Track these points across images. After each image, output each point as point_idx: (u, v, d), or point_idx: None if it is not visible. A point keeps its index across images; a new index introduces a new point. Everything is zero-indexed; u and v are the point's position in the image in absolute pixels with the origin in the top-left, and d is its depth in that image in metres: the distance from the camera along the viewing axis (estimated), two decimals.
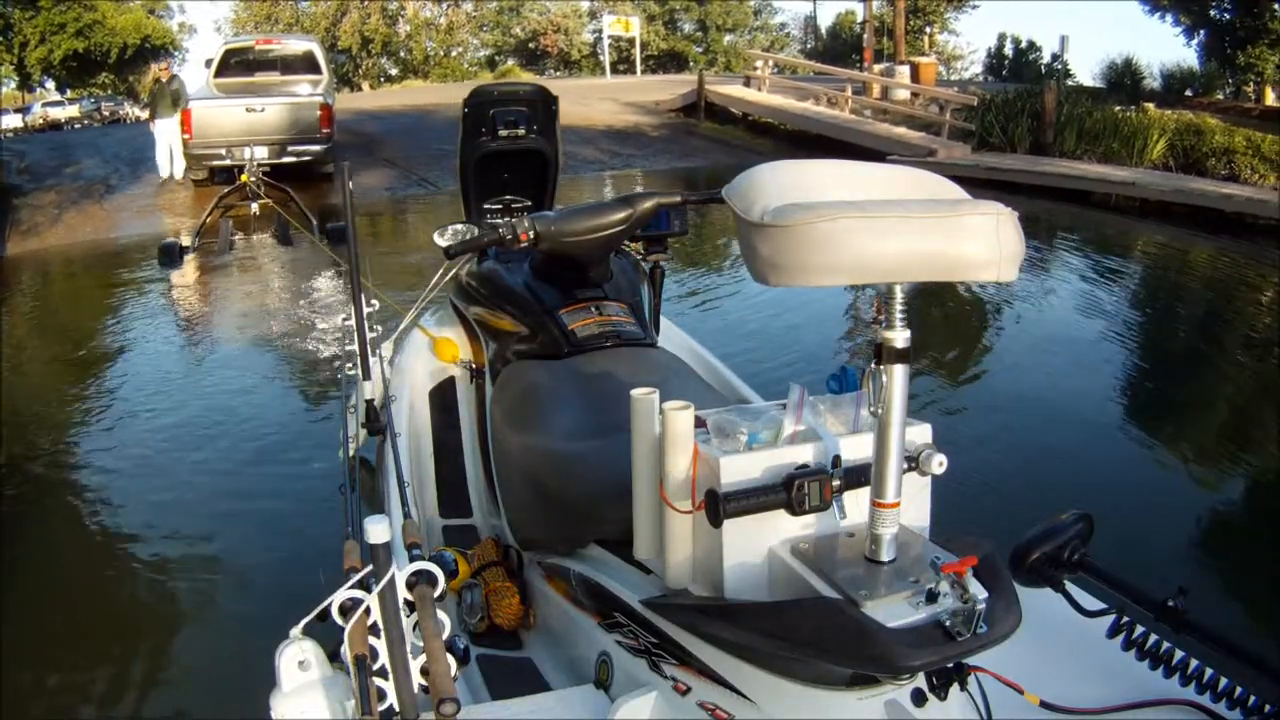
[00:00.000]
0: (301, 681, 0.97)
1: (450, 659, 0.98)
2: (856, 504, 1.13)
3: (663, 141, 14.28)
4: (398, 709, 0.94)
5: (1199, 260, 8.85)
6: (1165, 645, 1.16)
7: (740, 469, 1.11)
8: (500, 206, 2.43)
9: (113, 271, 7.99)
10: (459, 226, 1.96)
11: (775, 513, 1.10)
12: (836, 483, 1.12)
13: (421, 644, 0.98)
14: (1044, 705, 1.09)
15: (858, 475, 1.13)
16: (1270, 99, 16.81)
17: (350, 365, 2.37)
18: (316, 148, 10.25)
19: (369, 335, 2.28)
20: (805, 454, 1.14)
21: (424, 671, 0.97)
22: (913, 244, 0.94)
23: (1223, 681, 1.12)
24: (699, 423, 1.17)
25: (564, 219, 1.93)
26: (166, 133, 10.55)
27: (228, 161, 9.60)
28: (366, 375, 2.25)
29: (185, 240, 7.97)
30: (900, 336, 0.99)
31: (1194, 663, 1.14)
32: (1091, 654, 1.20)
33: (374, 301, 2.42)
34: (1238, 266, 8.42)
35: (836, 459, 1.14)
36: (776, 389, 1.36)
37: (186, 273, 7.62)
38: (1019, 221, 0.98)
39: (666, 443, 1.15)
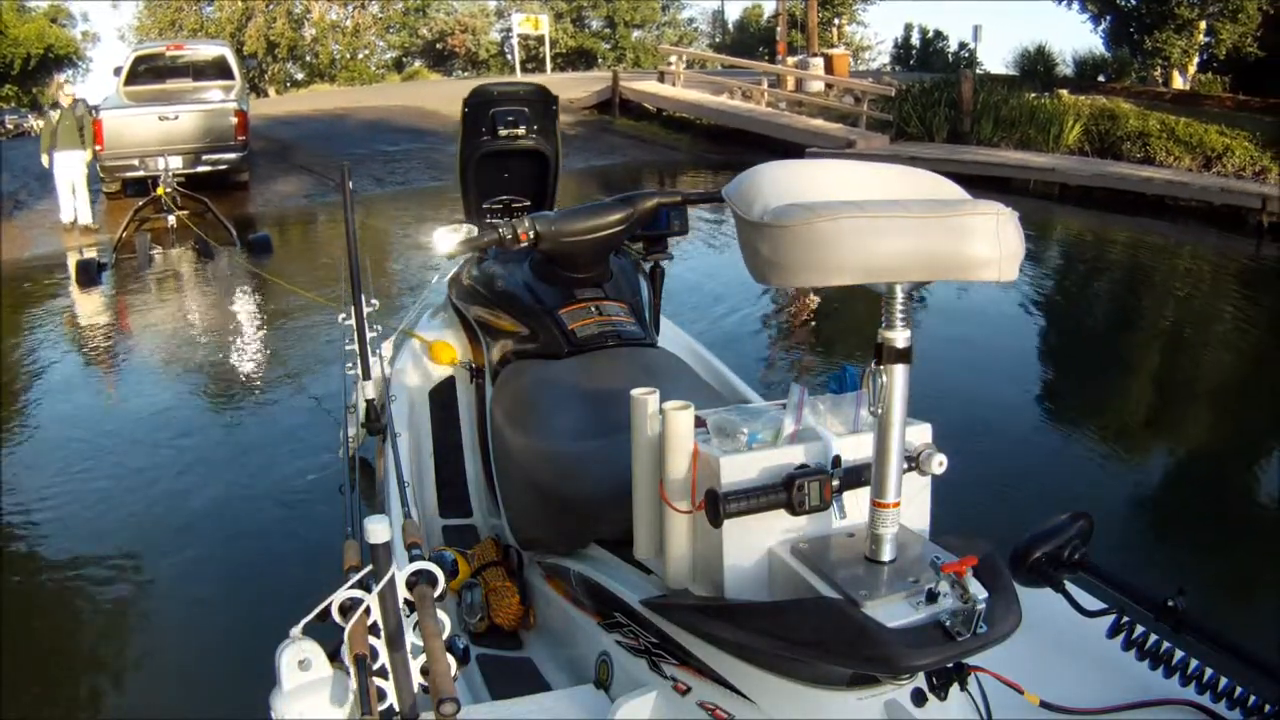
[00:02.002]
0: (301, 681, 0.97)
1: (450, 659, 0.98)
2: (856, 504, 1.13)
3: (580, 140, 14.02)
4: (398, 709, 0.94)
5: (1121, 239, 9.13)
6: (1165, 645, 1.16)
7: (740, 469, 1.11)
8: (500, 206, 2.42)
9: (21, 293, 7.28)
10: (459, 226, 1.96)
11: (775, 513, 1.10)
12: (836, 483, 1.12)
13: (421, 644, 0.98)
14: (1044, 705, 1.09)
15: (857, 475, 1.13)
16: (1177, 82, 17.01)
17: (350, 365, 2.37)
18: (232, 155, 9.95)
19: (369, 335, 2.28)
20: (805, 454, 1.14)
21: (424, 671, 0.97)
22: (913, 244, 0.94)
23: (1223, 681, 1.12)
24: (699, 423, 1.17)
25: (564, 219, 1.93)
26: (69, 169, 9.04)
27: (141, 173, 9.07)
28: (366, 375, 2.25)
29: (102, 257, 7.58)
30: (901, 336, 0.99)
31: (1194, 663, 1.14)
32: (1091, 654, 1.20)
33: (374, 301, 2.41)
34: (1162, 247, 8.84)
35: (836, 459, 1.14)
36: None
37: (106, 291, 7.18)
38: (1019, 221, 0.98)
39: (666, 443, 1.15)
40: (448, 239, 1.86)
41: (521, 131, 2.29)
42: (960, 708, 1.02)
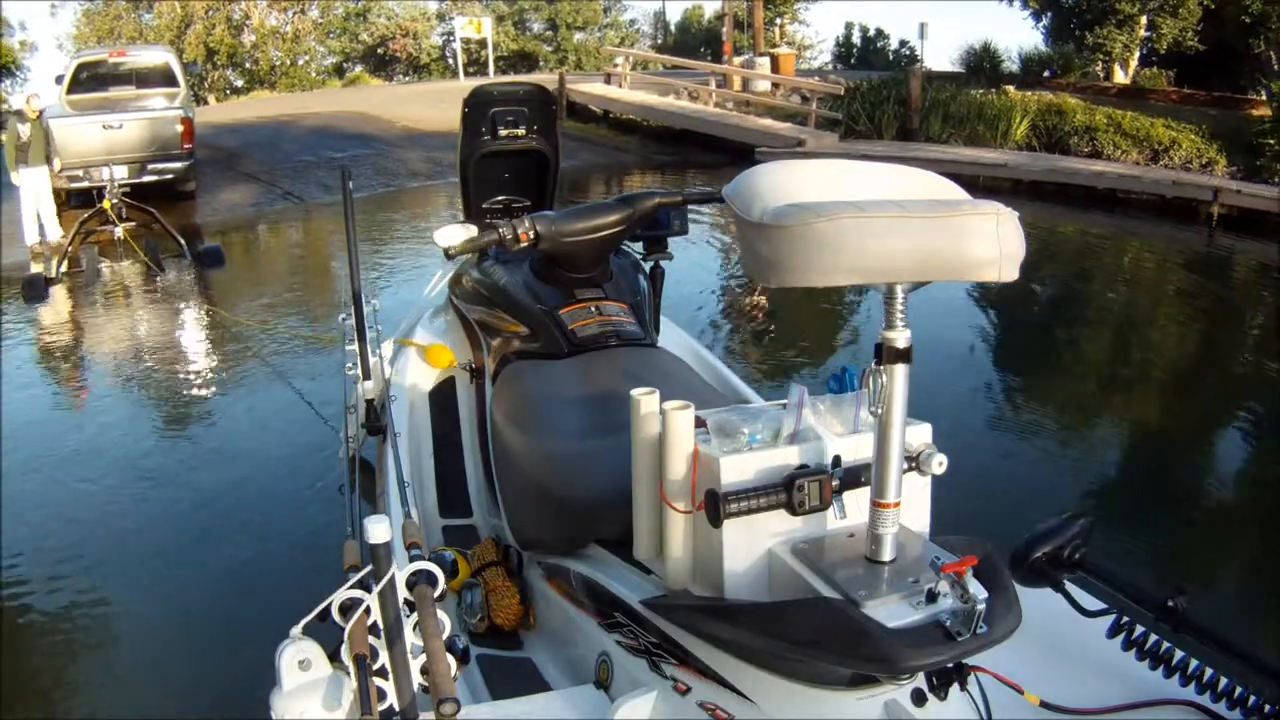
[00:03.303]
0: (302, 681, 0.97)
1: (450, 659, 0.98)
2: (856, 504, 1.13)
3: None
4: (398, 709, 0.94)
5: (1078, 232, 9.28)
6: (1165, 645, 1.16)
7: (740, 469, 1.11)
8: (500, 206, 2.42)
9: None
10: (459, 226, 1.96)
11: (775, 513, 1.10)
12: (836, 483, 1.12)
13: (421, 644, 0.98)
14: (1044, 705, 1.09)
15: (857, 475, 1.13)
16: (1119, 77, 17.16)
17: (350, 365, 2.37)
18: (178, 165, 9.62)
19: (369, 335, 2.28)
20: (805, 454, 1.14)
21: (424, 671, 0.97)
22: (913, 244, 0.94)
23: (1223, 681, 1.12)
24: (699, 423, 1.17)
25: (564, 219, 1.93)
26: (36, 187, 8.37)
27: (85, 183, 8.48)
28: (366, 375, 2.25)
29: (48, 272, 7.19)
30: (901, 336, 0.99)
31: (1194, 663, 1.14)
32: (1091, 654, 1.20)
33: (374, 301, 2.41)
34: (1119, 239, 9.00)
35: (836, 459, 1.14)
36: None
37: (54, 308, 6.77)
38: (1019, 221, 0.98)
39: (666, 443, 1.15)
40: (449, 238, 1.86)
41: (521, 131, 2.29)
42: (960, 708, 1.02)
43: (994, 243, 0.95)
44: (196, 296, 6.92)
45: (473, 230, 1.88)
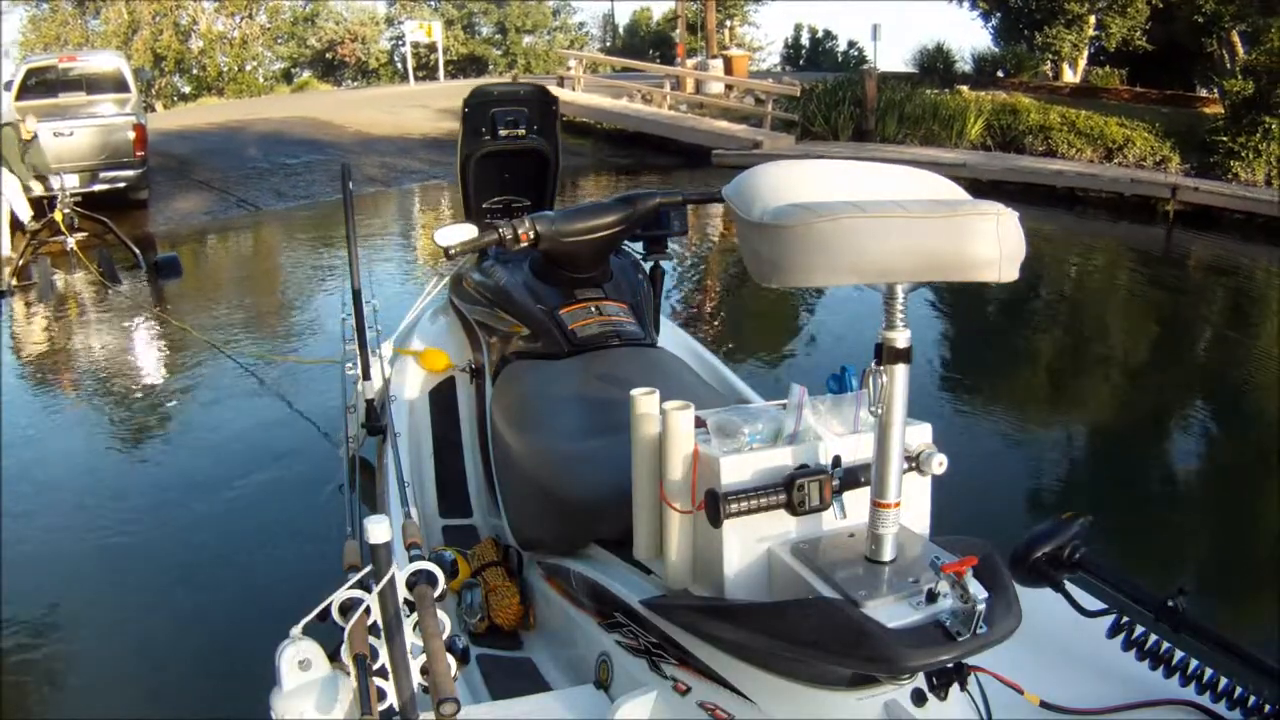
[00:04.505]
0: (302, 681, 0.97)
1: (450, 659, 0.98)
2: (856, 504, 1.13)
3: None
4: (398, 709, 0.94)
5: (1042, 230, 9.34)
6: (1165, 645, 1.16)
7: (740, 469, 1.11)
8: (500, 206, 2.43)
9: None
10: (459, 226, 1.96)
11: (775, 513, 1.10)
12: (836, 483, 1.12)
13: (421, 644, 0.98)
14: (1044, 705, 1.09)
15: (857, 475, 1.13)
16: (1068, 76, 17.28)
17: (350, 365, 2.37)
18: (131, 173, 9.33)
19: (369, 335, 2.28)
20: (805, 454, 1.14)
21: (424, 671, 0.97)
22: (913, 244, 0.94)
23: (1223, 681, 1.12)
24: (699, 423, 1.17)
25: (564, 219, 1.93)
26: (9, 195, 8.01)
27: (36, 192, 8.24)
28: (366, 375, 2.25)
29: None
30: (901, 336, 0.99)
31: (1194, 663, 1.14)
32: (1091, 654, 1.20)
33: (374, 301, 2.41)
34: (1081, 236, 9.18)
35: (836, 459, 1.14)
36: None
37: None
38: (1019, 221, 0.98)
39: (666, 443, 1.15)
40: (449, 238, 1.86)
41: (521, 131, 2.29)
42: (960, 708, 1.02)
43: (994, 243, 0.95)
44: (164, 312, 6.35)
45: (473, 230, 1.88)
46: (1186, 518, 3.49)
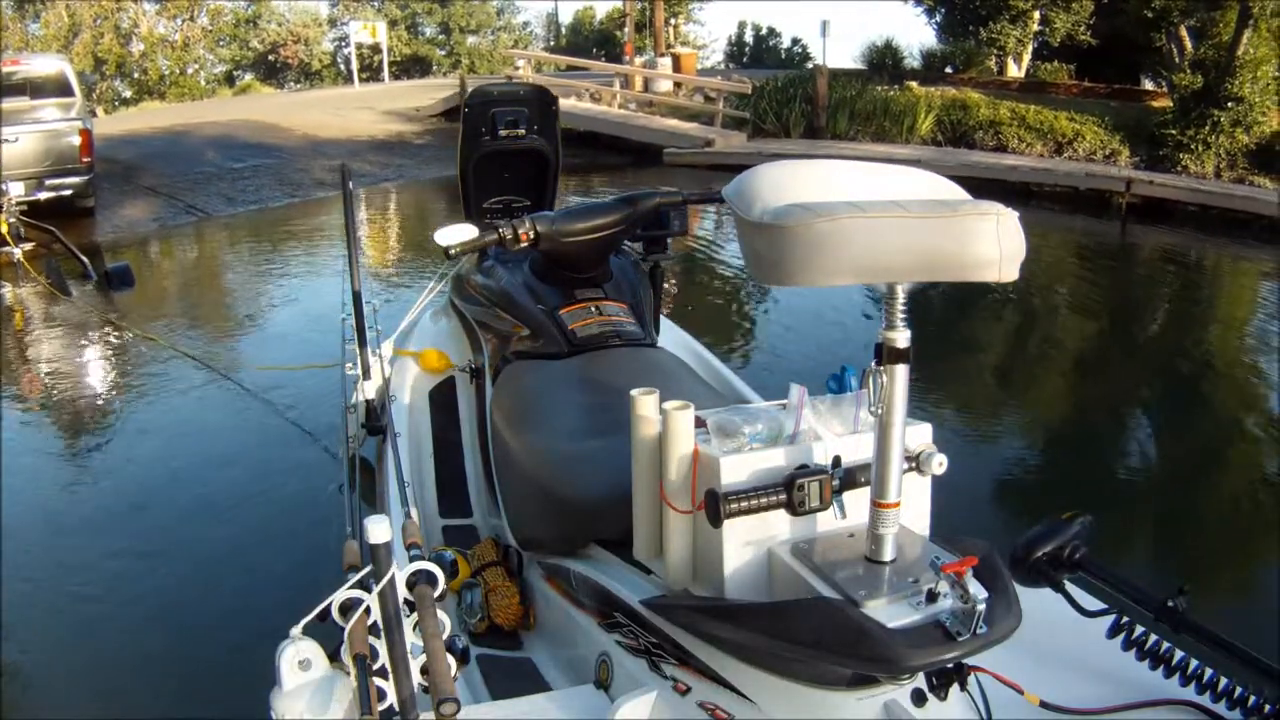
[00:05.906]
0: (301, 681, 0.97)
1: (450, 659, 0.98)
2: (856, 504, 1.13)
3: (432, 148, 13.38)
4: (398, 709, 0.94)
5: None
6: (1165, 645, 1.16)
7: (740, 469, 1.11)
8: (500, 206, 2.43)
9: None
10: (459, 226, 1.97)
11: (775, 513, 1.10)
12: (836, 483, 1.12)
13: (421, 644, 0.98)
14: (1044, 705, 1.09)
15: (857, 475, 1.13)
16: (1012, 71, 17.42)
17: (350, 365, 2.37)
18: (77, 179, 9.01)
19: (369, 334, 2.28)
20: (805, 454, 1.14)
21: (424, 671, 0.97)
22: (913, 244, 0.94)
23: (1223, 681, 1.12)
24: (699, 423, 1.17)
25: (564, 219, 1.93)
26: None
27: None
28: (366, 375, 2.25)
29: None
30: (901, 336, 0.99)
31: (1194, 663, 1.14)
32: (1091, 654, 1.20)
33: (374, 301, 2.41)
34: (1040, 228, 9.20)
35: (836, 459, 1.14)
36: None
37: None
38: (1019, 221, 0.98)
39: (666, 443, 1.15)
40: (449, 238, 1.86)
41: (521, 132, 2.29)
42: (960, 708, 1.02)
43: (994, 243, 0.95)
44: (125, 323, 5.97)
45: (473, 230, 1.88)
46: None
